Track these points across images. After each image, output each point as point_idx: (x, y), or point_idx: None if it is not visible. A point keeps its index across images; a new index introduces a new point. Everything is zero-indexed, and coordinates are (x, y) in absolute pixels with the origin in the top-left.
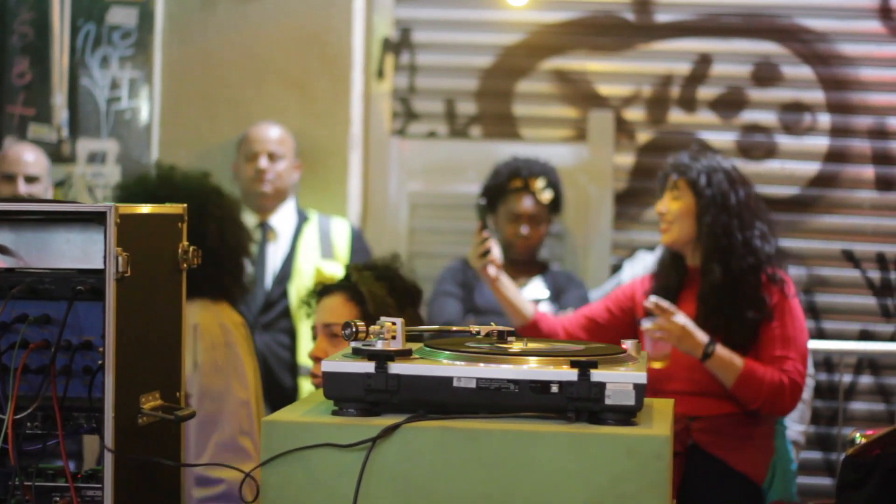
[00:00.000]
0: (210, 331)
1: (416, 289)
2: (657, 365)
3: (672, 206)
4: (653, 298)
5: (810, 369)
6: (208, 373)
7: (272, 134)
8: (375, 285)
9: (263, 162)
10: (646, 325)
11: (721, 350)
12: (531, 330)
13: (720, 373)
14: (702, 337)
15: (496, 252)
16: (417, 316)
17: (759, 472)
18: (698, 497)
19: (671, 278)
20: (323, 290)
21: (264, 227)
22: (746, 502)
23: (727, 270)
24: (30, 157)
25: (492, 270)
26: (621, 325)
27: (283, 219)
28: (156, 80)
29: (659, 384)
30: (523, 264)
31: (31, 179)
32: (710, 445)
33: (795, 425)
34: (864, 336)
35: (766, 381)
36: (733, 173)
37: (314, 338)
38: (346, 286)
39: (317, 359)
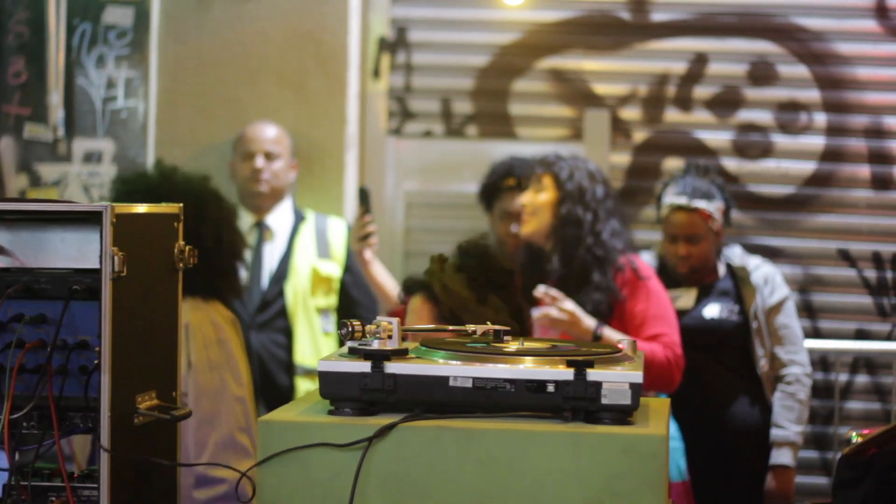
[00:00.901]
0: (202, 329)
1: (506, 270)
2: None
3: (534, 199)
4: (542, 288)
5: (807, 368)
6: (203, 371)
7: (268, 133)
8: (454, 278)
9: (260, 161)
10: (535, 313)
11: (609, 332)
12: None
13: None
14: (589, 322)
15: (375, 238)
16: (506, 302)
17: None
18: None
19: (533, 270)
20: (406, 289)
21: (261, 226)
22: None
23: (572, 258)
24: None
25: (367, 254)
26: None
27: (279, 218)
28: (152, 79)
29: None
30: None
31: None
32: None
33: (793, 426)
34: (860, 335)
35: (653, 361)
36: (595, 172)
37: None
38: (426, 284)
39: None
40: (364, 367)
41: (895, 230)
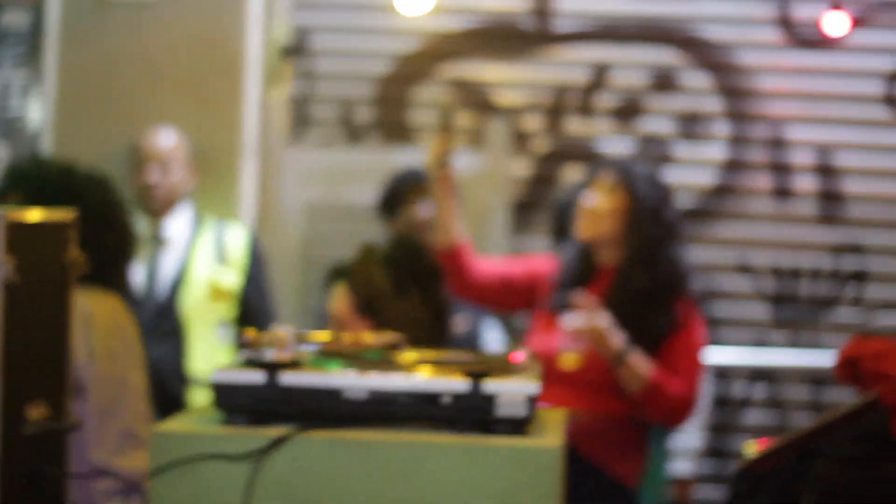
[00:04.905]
0: (104, 317)
1: (434, 271)
2: (570, 362)
3: (603, 202)
4: (581, 294)
5: (707, 379)
6: (104, 359)
7: (162, 143)
8: (375, 270)
9: (153, 176)
10: (569, 321)
11: (633, 358)
12: (451, 258)
13: (627, 379)
14: (618, 341)
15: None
16: (428, 301)
17: (634, 478)
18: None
19: (580, 273)
20: (333, 275)
21: (158, 234)
22: None
23: (652, 279)
24: None
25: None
26: (523, 294)
27: (177, 226)
28: (48, 84)
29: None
30: None
31: None
32: (585, 449)
33: (696, 432)
34: (759, 346)
35: (671, 396)
36: (668, 189)
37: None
38: (349, 273)
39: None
40: (258, 377)
41: (795, 242)
